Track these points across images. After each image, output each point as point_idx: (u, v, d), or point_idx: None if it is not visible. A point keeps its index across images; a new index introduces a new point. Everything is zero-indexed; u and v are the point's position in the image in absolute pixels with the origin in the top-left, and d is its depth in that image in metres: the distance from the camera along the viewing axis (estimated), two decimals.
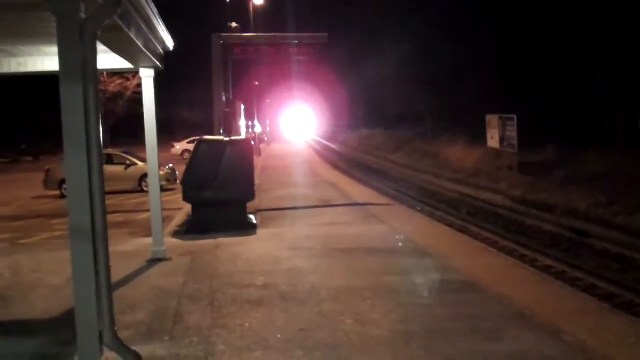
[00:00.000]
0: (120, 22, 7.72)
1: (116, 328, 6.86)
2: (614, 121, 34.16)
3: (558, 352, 7.78)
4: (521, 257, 16.92)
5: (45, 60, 12.20)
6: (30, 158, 62.48)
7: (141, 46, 10.10)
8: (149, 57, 11.51)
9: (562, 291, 11.27)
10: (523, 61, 44.06)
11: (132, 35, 8.98)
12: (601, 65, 34.91)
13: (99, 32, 6.66)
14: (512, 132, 32.93)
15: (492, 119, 36.16)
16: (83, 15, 6.34)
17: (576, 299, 10.64)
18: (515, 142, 32.67)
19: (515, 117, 32.74)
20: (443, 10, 54.68)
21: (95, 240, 6.43)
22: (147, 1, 9.12)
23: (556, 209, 24.02)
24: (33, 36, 9.71)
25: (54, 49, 6.42)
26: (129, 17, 8.50)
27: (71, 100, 6.33)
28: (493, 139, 36.01)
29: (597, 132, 34.95)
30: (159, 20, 10.81)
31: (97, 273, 6.43)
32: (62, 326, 8.64)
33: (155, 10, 9.99)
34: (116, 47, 10.26)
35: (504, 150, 34.76)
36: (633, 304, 13.23)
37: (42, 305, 10.65)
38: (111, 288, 6.75)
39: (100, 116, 6.63)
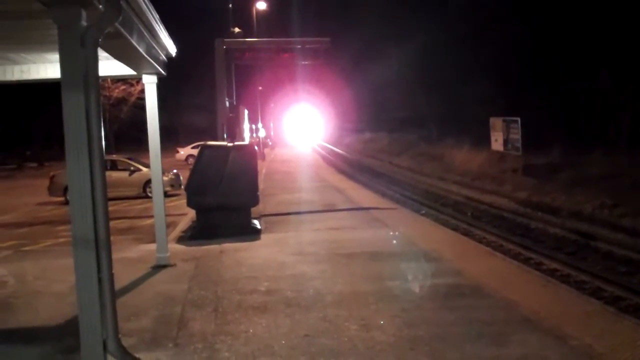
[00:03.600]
0: (121, 29, 7.73)
1: (120, 335, 6.86)
2: (618, 123, 34.10)
3: (563, 356, 7.74)
4: (526, 261, 16.87)
5: (49, 67, 12.21)
6: (35, 164, 62.49)
7: (143, 53, 10.10)
8: (151, 63, 11.52)
9: (568, 295, 11.21)
10: (527, 63, 44.01)
11: (134, 42, 8.98)
12: (605, 66, 34.86)
13: (100, 40, 6.68)
14: (516, 134, 32.94)
15: (496, 122, 36.16)
16: (84, 23, 6.35)
17: (582, 303, 10.57)
18: (519, 145, 32.65)
19: (519, 119, 32.74)
20: (446, 13, 54.63)
21: (98, 248, 6.43)
22: (148, 8, 9.12)
23: (561, 212, 23.95)
24: (36, 44, 9.74)
25: (57, 57, 6.42)
26: (130, 24, 8.50)
27: (73, 108, 6.34)
28: (497, 142, 36.00)
29: (602, 133, 34.89)
30: (161, 27, 10.81)
31: (100, 281, 6.43)
32: (66, 334, 8.61)
33: (156, 16, 9.99)
34: (118, 54, 10.27)
35: (508, 153, 34.73)
36: (639, 307, 13.17)
37: (46, 312, 10.64)
38: (114, 295, 6.76)
39: (102, 123, 6.63)
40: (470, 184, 34.16)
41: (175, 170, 31.88)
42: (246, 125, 45.05)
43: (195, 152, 37.08)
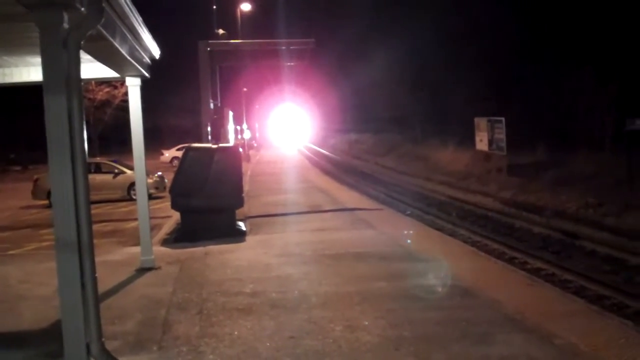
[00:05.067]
0: (104, 32, 7.69)
1: (104, 339, 6.82)
2: (603, 122, 34.25)
3: (548, 355, 7.77)
4: (511, 260, 16.97)
5: (31, 70, 12.15)
6: (19, 167, 62.08)
7: (126, 55, 10.06)
8: (134, 65, 11.48)
9: (552, 294, 11.26)
10: (511, 63, 44.14)
11: (117, 44, 8.95)
12: (590, 64, 34.99)
13: (82, 42, 6.64)
14: (501, 134, 33.05)
15: (481, 122, 36.27)
16: (66, 26, 6.32)
17: (566, 302, 10.62)
18: (503, 145, 32.76)
19: (503, 119, 32.86)
20: (431, 13, 54.73)
21: (81, 252, 6.40)
22: (131, 10, 9.09)
23: (546, 211, 24.07)
24: (17, 47, 9.68)
25: (40, 59, 6.38)
26: (113, 26, 8.47)
27: (55, 111, 6.30)
28: (482, 142, 36.12)
29: (586, 133, 35.03)
30: (144, 29, 10.77)
31: (83, 285, 6.40)
32: (50, 338, 8.55)
33: (139, 18, 9.96)
34: (101, 56, 10.23)
35: (493, 153, 34.84)
36: (623, 305, 13.26)
37: (30, 316, 10.57)
38: (98, 299, 6.72)
39: (84, 126, 6.59)
40: (456, 184, 34.28)
41: (159, 173, 31.82)
42: (231, 127, 44.87)
43: (179, 154, 37.04)
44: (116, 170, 30.06)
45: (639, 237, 18.75)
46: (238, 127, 65.44)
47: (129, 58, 10.45)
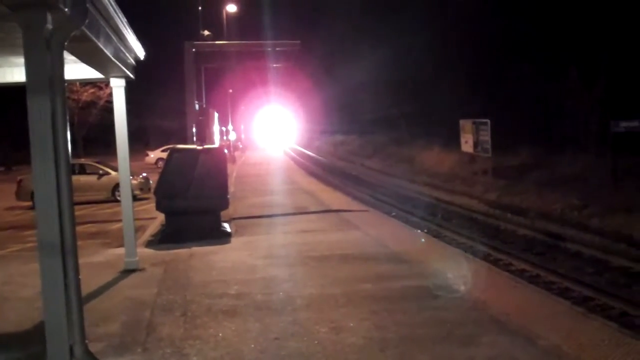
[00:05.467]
0: (88, 32, 7.66)
1: (88, 341, 6.80)
2: (588, 123, 34.39)
3: (533, 356, 7.80)
4: (496, 262, 17.00)
5: (15, 71, 12.09)
6: (2, 168, 61.68)
7: (110, 56, 10.02)
8: (119, 66, 11.44)
9: (537, 295, 11.31)
10: (496, 64, 44.25)
11: (101, 45, 8.91)
12: (575, 65, 35.14)
13: (66, 43, 6.61)
14: (486, 136, 33.10)
15: (466, 124, 36.35)
16: (49, 26, 6.29)
17: (550, 303, 10.67)
18: (488, 147, 32.84)
19: (488, 121, 32.92)
20: (416, 15, 54.78)
21: (65, 253, 6.37)
22: (115, 11, 9.06)
23: (531, 212, 24.15)
24: (0, 47, 9.61)
25: (23, 60, 6.35)
26: (97, 27, 8.43)
27: (39, 112, 6.28)
28: (467, 144, 36.18)
29: (571, 135, 35.17)
30: (129, 30, 10.74)
31: (66, 286, 6.37)
32: (33, 340, 8.50)
33: (124, 19, 9.93)
34: (85, 57, 10.19)
35: (478, 155, 34.94)
36: (606, 306, 13.31)
37: (13, 318, 10.52)
38: (81, 301, 6.69)
39: (68, 127, 6.56)
40: (441, 186, 34.34)
41: (144, 174, 31.73)
42: (216, 128, 44.79)
43: (165, 155, 36.93)
44: (101, 172, 29.93)
45: (623, 239, 18.85)
46: (223, 129, 65.35)
47: (113, 59, 10.41)
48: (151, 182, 29.52)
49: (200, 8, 46.54)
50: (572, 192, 25.31)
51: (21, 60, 6.47)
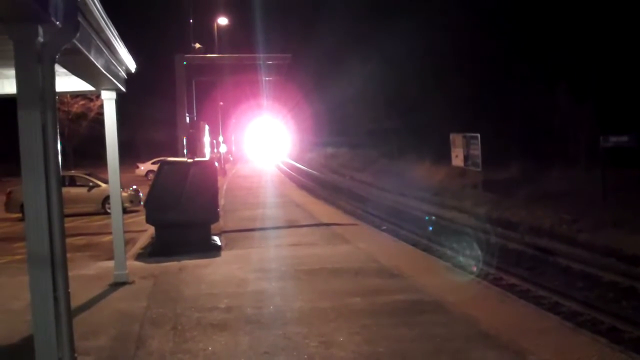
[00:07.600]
0: (79, 46, 7.66)
1: (77, 355, 6.76)
2: (577, 139, 34.53)
3: None
4: (485, 276, 16.99)
5: (5, 83, 12.07)
6: None
7: (102, 69, 10.03)
8: (110, 79, 11.44)
9: (526, 310, 11.32)
10: (487, 79, 44.41)
11: (92, 58, 8.92)
12: (565, 81, 35.31)
13: (57, 56, 6.61)
14: (476, 150, 33.16)
15: (457, 138, 36.42)
16: (41, 39, 6.29)
17: (540, 318, 10.67)
18: (479, 161, 32.89)
19: (478, 135, 32.99)
20: (407, 29, 54.95)
21: (54, 266, 6.34)
22: (107, 24, 9.07)
23: (520, 227, 24.18)
24: None
25: (14, 72, 6.34)
26: (88, 40, 8.44)
27: (29, 124, 6.26)
28: (457, 158, 36.25)
29: (561, 150, 35.29)
30: (120, 43, 10.75)
31: (56, 299, 6.34)
32: (22, 353, 8.48)
33: (115, 32, 9.94)
34: (76, 70, 10.19)
35: (469, 169, 34.99)
36: (596, 321, 13.33)
37: (2, 330, 10.46)
38: (71, 314, 6.66)
39: (58, 139, 6.55)
40: (431, 200, 34.34)
41: (134, 186, 31.64)
42: (207, 141, 44.85)
43: (155, 167, 36.90)
44: (91, 184, 29.83)
45: (613, 254, 18.89)
46: (214, 141, 65.36)
47: (104, 72, 10.42)
48: (141, 194, 29.45)
49: (191, 21, 46.63)
50: (561, 206, 25.36)
51: (12, 72, 6.46)
